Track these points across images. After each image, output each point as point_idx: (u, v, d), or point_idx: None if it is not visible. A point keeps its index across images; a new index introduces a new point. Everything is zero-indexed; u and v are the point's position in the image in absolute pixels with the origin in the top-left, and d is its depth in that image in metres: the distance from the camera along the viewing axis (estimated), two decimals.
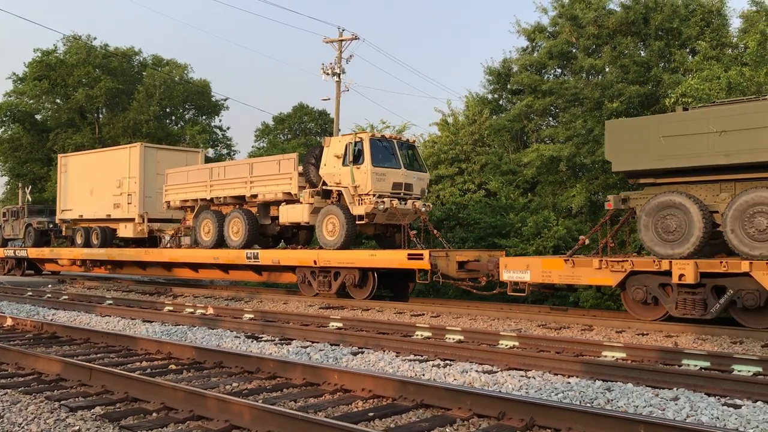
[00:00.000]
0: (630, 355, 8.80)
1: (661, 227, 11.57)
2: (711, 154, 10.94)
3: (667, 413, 6.02)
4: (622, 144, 12.03)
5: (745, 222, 10.76)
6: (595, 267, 12.09)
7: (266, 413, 5.36)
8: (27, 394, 6.50)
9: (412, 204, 15.96)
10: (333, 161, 16.02)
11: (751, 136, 10.57)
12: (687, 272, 11.00)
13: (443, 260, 14.55)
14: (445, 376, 7.61)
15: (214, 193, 18.48)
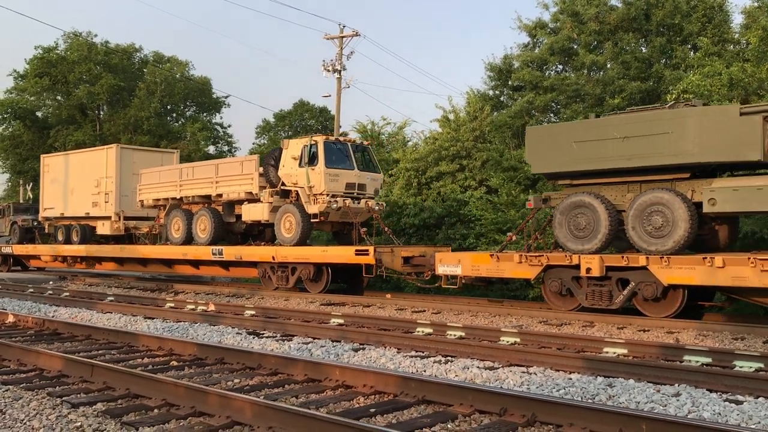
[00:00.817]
0: (631, 352, 8.80)
1: (573, 225, 12.54)
2: (615, 158, 11.87)
3: (668, 409, 6.02)
4: (539, 148, 13.03)
5: (644, 220, 11.73)
6: (516, 261, 13.11)
7: (268, 409, 5.36)
8: (29, 391, 6.50)
9: (366, 203, 16.97)
10: (290, 163, 16.95)
11: (648, 142, 11.52)
12: (593, 266, 12.02)
13: (388, 256, 15.48)
14: (447, 372, 7.61)
15: (183, 192, 19.49)
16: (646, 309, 11.98)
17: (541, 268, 12.82)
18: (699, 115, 11.33)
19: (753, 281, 10.51)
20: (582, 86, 21.80)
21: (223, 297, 17.26)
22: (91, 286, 21.12)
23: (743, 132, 10.81)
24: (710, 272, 10.88)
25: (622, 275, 12.05)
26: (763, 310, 13.49)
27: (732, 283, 10.85)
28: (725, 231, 12.43)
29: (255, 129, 64.66)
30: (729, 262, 10.79)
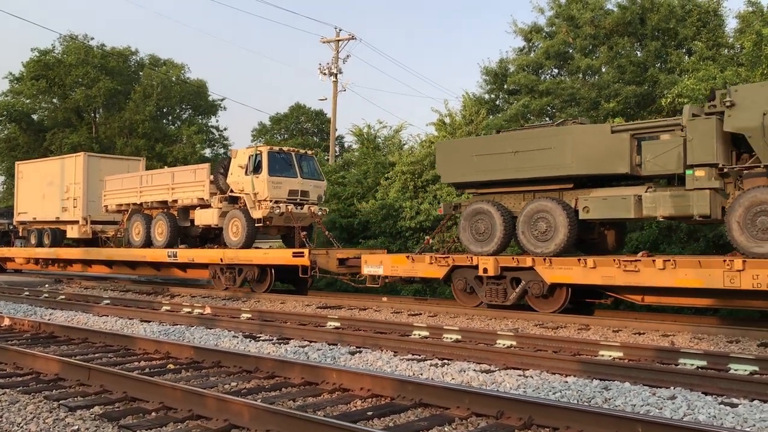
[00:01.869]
0: (627, 355, 8.83)
1: (474, 229, 13.87)
2: (509, 170, 13.23)
3: (664, 412, 6.05)
4: (446, 161, 14.37)
5: (531, 225, 13.10)
6: (427, 263, 14.42)
7: (265, 412, 5.37)
8: (26, 394, 6.51)
9: (309, 209, 18.13)
10: (238, 171, 18.10)
11: (535, 156, 12.86)
12: (489, 266, 13.32)
13: (323, 257, 16.69)
14: (443, 375, 7.63)
15: (143, 198, 20.60)
16: (536, 305, 13.24)
17: (448, 268, 14.08)
18: (576, 132, 12.66)
19: (619, 280, 11.90)
20: (577, 90, 21.87)
21: (219, 300, 17.25)
22: (86, 289, 21.08)
23: (613, 148, 12.13)
24: (585, 272, 12.21)
25: (515, 275, 13.32)
26: (758, 313, 13.56)
27: (603, 282, 12.14)
28: (612, 236, 14.03)
29: (251, 132, 64.70)
30: (599, 263, 12.08)
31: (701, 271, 11.04)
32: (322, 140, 60.33)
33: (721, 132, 11.20)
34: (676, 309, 14.46)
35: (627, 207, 11.94)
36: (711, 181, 11.24)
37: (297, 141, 58.37)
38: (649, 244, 15.96)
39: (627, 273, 11.70)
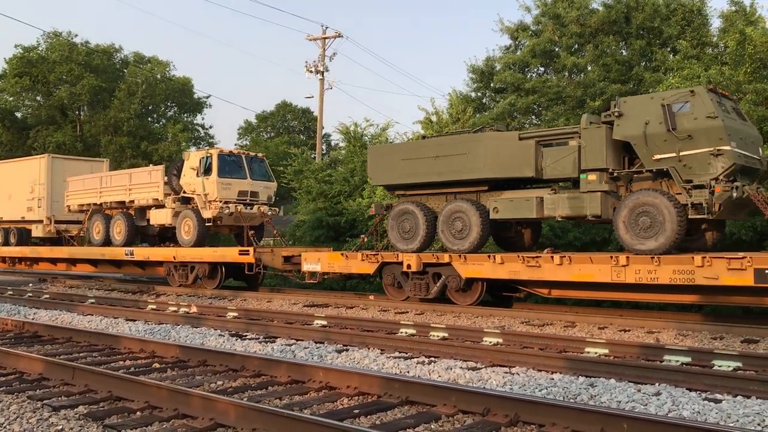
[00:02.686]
0: (612, 352, 8.89)
1: (401, 228, 14.79)
2: (431, 173, 14.21)
3: (649, 408, 6.09)
4: (376, 165, 15.38)
5: (449, 225, 14.04)
6: (360, 260, 15.33)
7: (251, 411, 5.35)
8: (9, 394, 6.44)
9: (258, 209, 18.90)
10: (190, 173, 18.84)
11: (453, 161, 13.85)
12: (412, 262, 14.28)
13: (268, 255, 17.53)
14: (430, 373, 7.64)
15: (103, 198, 21.36)
16: (455, 298, 14.25)
17: (377, 265, 15.04)
18: (488, 139, 13.71)
19: (523, 274, 12.87)
20: (563, 88, 21.94)
21: (205, 299, 17.18)
22: (71, 288, 20.93)
23: (521, 154, 13.14)
24: (494, 267, 13.26)
25: (436, 270, 14.34)
26: (741, 310, 13.69)
27: (509, 276, 13.14)
28: (528, 234, 15.09)
29: (237, 130, 64.44)
30: (506, 259, 13.16)
31: (592, 266, 12.02)
32: (308, 138, 60.19)
33: (611, 140, 12.20)
34: (661, 306, 14.58)
35: (530, 208, 12.98)
36: (602, 184, 12.24)
37: (283, 139, 58.17)
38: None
39: (530, 268, 12.72)
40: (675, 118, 11.47)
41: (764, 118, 15.71)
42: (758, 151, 12.24)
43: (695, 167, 11.41)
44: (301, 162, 27.21)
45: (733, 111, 12.08)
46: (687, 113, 11.47)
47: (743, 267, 10.54)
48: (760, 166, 12.19)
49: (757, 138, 12.43)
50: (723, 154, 11.14)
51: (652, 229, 11.59)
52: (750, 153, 11.77)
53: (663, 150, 11.64)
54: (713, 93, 11.79)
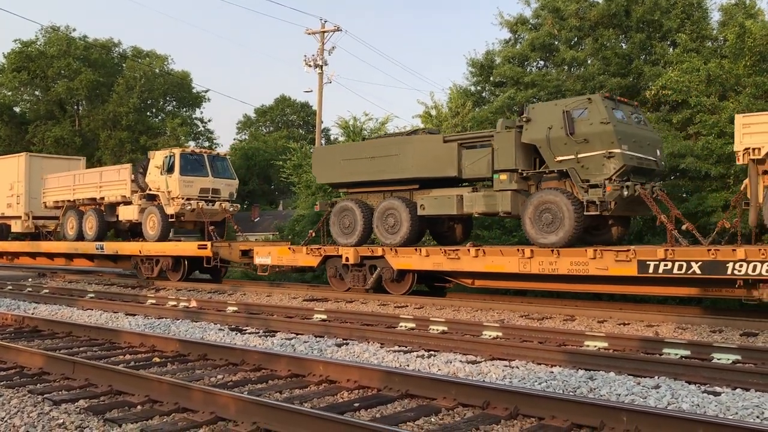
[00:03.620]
0: (612, 345, 8.90)
1: (341, 224, 15.80)
2: (367, 173, 15.25)
3: (648, 401, 6.11)
4: (320, 164, 16.56)
5: (383, 221, 15.08)
6: (305, 253, 16.30)
7: (252, 405, 5.36)
8: (9, 388, 6.45)
9: (220, 205, 19.86)
10: (155, 171, 19.76)
11: (386, 161, 14.90)
12: (350, 256, 15.30)
13: (226, 250, 18.59)
14: (430, 366, 7.66)
15: (76, 195, 22.29)
16: (390, 288, 15.29)
17: (321, 258, 16.03)
18: (416, 141, 14.77)
19: (445, 266, 14.06)
20: (563, 82, 21.88)
21: (204, 293, 17.20)
22: (70, 282, 20.95)
23: (445, 155, 14.19)
24: (421, 260, 14.33)
25: (372, 262, 15.30)
26: (739, 303, 13.72)
27: (434, 267, 14.27)
28: (459, 229, 16.13)
29: (236, 124, 64.38)
30: (431, 252, 14.25)
31: (503, 258, 13.17)
32: (307, 132, 60.15)
33: (520, 143, 13.30)
34: (660, 300, 14.61)
35: (451, 205, 14.11)
36: (512, 183, 13.36)
37: (282, 133, 58.14)
38: (634, 235, 16.18)
39: (451, 260, 13.86)
40: (574, 124, 12.48)
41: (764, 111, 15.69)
42: (655, 153, 13.21)
43: (591, 168, 12.46)
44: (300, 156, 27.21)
45: (631, 116, 13.15)
46: (584, 119, 12.49)
47: (628, 259, 11.62)
48: (656, 167, 13.20)
49: (655, 141, 13.47)
50: (614, 156, 12.21)
51: (554, 224, 12.66)
52: (645, 155, 12.81)
53: (564, 152, 12.72)
54: (610, 100, 12.85)
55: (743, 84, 16.94)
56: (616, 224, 13.73)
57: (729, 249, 10.98)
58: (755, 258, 10.53)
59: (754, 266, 10.52)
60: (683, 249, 11.49)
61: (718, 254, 10.94)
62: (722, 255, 10.91)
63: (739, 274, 10.70)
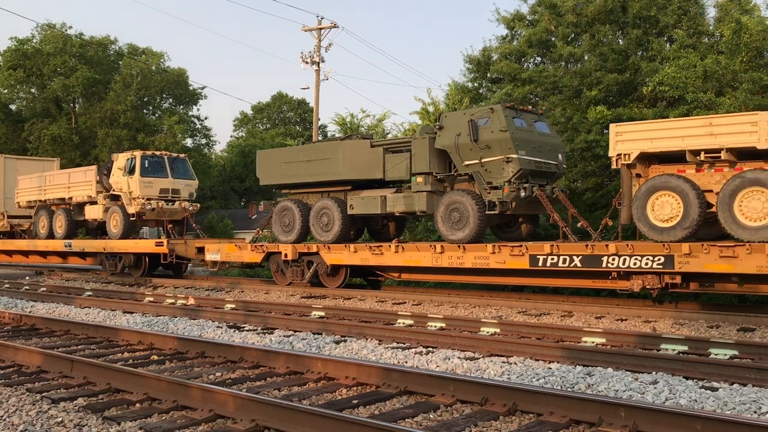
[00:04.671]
0: (609, 341, 8.93)
1: (282, 223, 16.85)
2: (304, 175, 16.50)
3: (646, 396, 6.12)
4: (263, 167, 17.67)
5: (318, 219, 16.21)
6: (250, 250, 17.43)
7: (250, 402, 5.37)
8: (7, 387, 6.45)
9: (180, 204, 20.84)
10: (117, 172, 20.78)
11: (320, 165, 16.15)
12: (289, 252, 16.49)
13: (182, 247, 19.54)
14: (428, 363, 7.67)
15: (47, 195, 23.24)
16: (325, 281, 16.40)
17: (264, 254, 17.17)
18: (347, 146, 15.93)
19: (371, 261, 15.14)
20: (560, 78, 21.84)
21: (202, 291, 17.20)
22: (68, 281, 20.94)
23: (372, 159, 15.39)
24: (350, 255, 15.44)
25: (309, 258, 16.43)
26: (737, 299, 13.75)
27: (361, 263, 15.37)
28: (393, 227, 17.24)
29: (233, 122, 64.28)
30: (358, 248, 15.34)
31: (419, 253, 14.44)
32: (304, 129, 60.10)
33: (434, 148, 14.53)
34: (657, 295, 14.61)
35: (376, 205, 15.31)
36: (427, 185, 14.61)
37: (279, 130, 58.09)
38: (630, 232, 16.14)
39: (375, 255, 15.03)
40: (478, 131, 13.67)
41: (760, 107, 15.71)
42: (556, 157, 14.46)
43: (493, 171, 13.71)
44: None
45: (533, 124, 14.33)
46: (487, 127, 13.67)
47: (521, 253, 12.92)
48: (556, 170, 14.47)
49: (557, 146, 14.67)
50: (512, 161, 13.44)
51: (461, 222, 13.89)
52: (545, 159, 14.08)
53: (470, 157, 13.97)
54: (511, 109, 14.02)
55: (740, 80, 16.94)
56: (525, 222, 15.01)
57: (603, 244, 12.14)
58: (624, 252, 11.78)
59: (623, 259, 11.81)
60: (566, 245, 12.65)
61: (594, 249, 12.16)
62: (598, 250, 12.13)
63: (612, 266, 11.94)
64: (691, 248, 11.18)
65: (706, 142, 11.18)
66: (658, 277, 11.76)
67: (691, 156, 11.40)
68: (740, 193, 10.93)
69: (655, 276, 11.76)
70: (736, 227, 10.93)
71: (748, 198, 10.88)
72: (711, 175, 11.51)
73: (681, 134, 11.52)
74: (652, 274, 11.75)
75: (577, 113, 20.56)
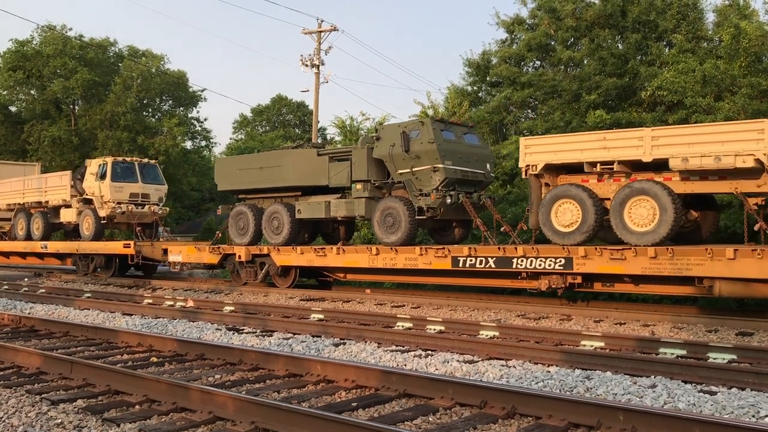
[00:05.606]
0: (608, 344, 8.94)
1: (237, 226, 17.85)
2: (257, 181, 17.38)
3: (645, 400, 6.14)
4: (222, 173, 18.59)
5: (270, 223, 17.08)
6: (208, 252, 18.18)
7: (250, 404, 5.38)
8: (7, 388, 6.45)
9: (149, 208, 21.93)
10: (90, 177, 21.77)
11: (271, 172, 17.01)
12: (242, 254, 17.38)
13: (148, 248, 20.37)
14: (427, 366, 7.68)
15: (25, 199, 24.26)
16: (277, 282, 17.26)
17: (220, 256, 18.06)
18: (295, 154, 16.99)
19: (316, 262, 16.11)
20: (559, 82, 21.90)
21: (201, 293, 17.20)
22: (67, 282, 20.93)
23: (318, 167, 16.38)
24: (298, 257, 16.32)
25: (261, 260, 17.26)
26: (735, 303, 13.77)
27: (307, 264, 16.27)
28: (343, 230, 17.95)
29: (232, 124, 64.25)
30: (304, 250, 16.26)
31: (357, 255, 15.43)
32: (304, 132, 60.09)
33: (372, 158, 15.47)
34: (657, 299, 14.66)
35: (321, 210, 16.22)
36: (365, 192, 15.59)
37: (279, 133, 58.08)
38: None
39: (320, 257, 15.93)
40: (409, 143, 14.55)
41: (759, 112, 15.75)
42: (484, 167, 15.39)
43: (423, 180, 14.64)
44: None
45: (462, 136, 15.25)
46: (417, 139, 14.57)
47: (445, 255, 13.90)
48: (483, 179, 15.42)
49: (485, 156, 15.60)
50: (439, 170, 14.38)
51: (394, 226, 14.87)
52: (472, 168, 15.04)
53: (403, 166, 14.92)
54: (440, 122, 15.08)
55: (738, 84, 16.99)
56: (458, 226, 16.04)
57: (513, 247, 13.12)
58: (531, 255, 12.82)
59: (531, 261, 12.82)
60: (482, 247, 13.71)
61: (506, 251, 13.17)
62: (508, 252, 13.14)
63: (521, 267, 12.95)
64: (587, 251, 12.21)
65: (601, 155, 12.26)
66: (562, 277, 12.74)
67: (588, 167, 12.43)
68: (629, 202, 11.98)
69: (560, 276, 12.74)
70: (625, 232, 11.98)
71: (636, 206, 11.93)
72: (609, 185, 12.52)
73: (580, 147, 12.60)
74: (556, 275, 12.75)
75: (576, 117, 20.61)
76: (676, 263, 11.36)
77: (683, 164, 11.30)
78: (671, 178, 11.88)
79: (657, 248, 11.52)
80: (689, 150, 11.30)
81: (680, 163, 11.32)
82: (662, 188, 11.70)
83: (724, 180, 11.45)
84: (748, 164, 10.80)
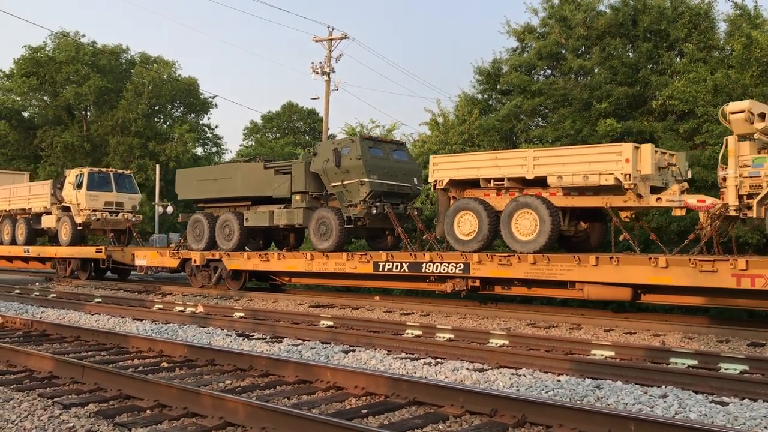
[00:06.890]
0: (619, 354, 8.90)
1: (194, 233, 19.08)
2: (212, 192, 18.74)
3: (656, 410, 6.11)
4: (182, 184, 20.04)
5: (221, 230, 18.38)
6: (169, 256, 19.71)
7: (260, 410, 5.39)
8: (20, 392, 6.50)
9: (123, 216, 23.47)
10: (68, 187, 23.26)
11: (225, 183, 18.39)
12: (197, 259, 18.73)
13: (119, 253, 21.83)
14: (437, 373, 7.67)
15: (11, 205, 25.78)
16: (229, 285, 18.66)
17: (179, 260, 19.37)
18: (244, 167, 18.45)
19: (261, 266, 17.54)
20: (570, 91, 21.87)
21: (211, 299, 17.25)
22: (77, 287, 21.04)
23: (265, 179, 17.71)
24: (246, 262, 17.73)
25: (214, 264, 18.67)
26: (747, 313, 13.69)
27: (253, 268, 17.67)
28: (293, 237, 19.29)
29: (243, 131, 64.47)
30: (251, 255, 17.65)
31: (295, 260, 16.81)
32: (314, 139, 60.19)
33: (309, 171, 16.91)
34: (667, 309, 14.59)
35: (265, 218, 17.52)
36: (303, 202, 17.05)
37: (289, 140, 58.25)
38: None
39: (263, 262, 17.31)
40: (340, 158, 15.90)
41: None
42: (411, 181, 16.81)
43: (352, 192, 16.02)
44: None
45: (390, 153, 16.65)
46: (347, 155, 15.94)
47: (367, 260, 15.11)
48: (410, 191, 16.83)
49: (412, 171, 17.05)
50: (365, 184, 15.75)
51: (327, 234, 16.19)
52: (398, 182, 16.40)
53: (335, 180, 16.29)
54: (370, 140, 16.57)
55: (750, 94, 16.90)
56: (390, 234, 17.26)
57: (422, 253, 14.40)
58: (437, 260, 14.08)
59: (437, 266, 14.08)
60: (398, 253, 15.18)
61: (416, 257, 14.37)
62: (419, 258, 14.33)
63: (429, 271, 14.19)
64: (480, 257, 13.49)
65: (493, 172, 13.64)
66: (464, 281, 13.98)
67: (484, 183, 13.82)
68: (516, 214, 13.28)
69: (462, 279, 13.98)
70: (512, 241, 13.25)
71: (521, 217, 13.23)
72: (504, 199, 13.80)
73: (476, 165, 13.98)
74: (459, 278, 13.98)
75: (586, 126, 20.55)
76: (552, 269, 12.65)
77: (558, 181, 12.68)
78: (555, 193, 13.17)
79: (536, 255, 12.74)
80: (563, 169, 12.68)
81: (556, 181, 12.69)
82: (542, 202, 12.99)
83: (598, 195, 12.80)
84: (610, 182, 12.18)
